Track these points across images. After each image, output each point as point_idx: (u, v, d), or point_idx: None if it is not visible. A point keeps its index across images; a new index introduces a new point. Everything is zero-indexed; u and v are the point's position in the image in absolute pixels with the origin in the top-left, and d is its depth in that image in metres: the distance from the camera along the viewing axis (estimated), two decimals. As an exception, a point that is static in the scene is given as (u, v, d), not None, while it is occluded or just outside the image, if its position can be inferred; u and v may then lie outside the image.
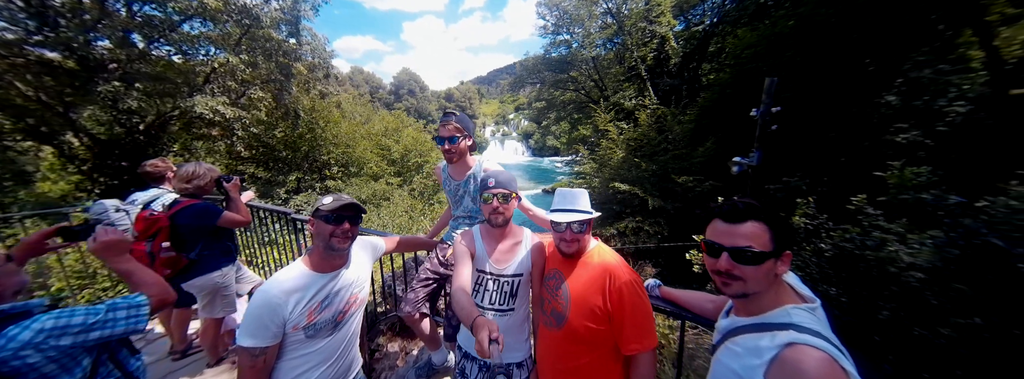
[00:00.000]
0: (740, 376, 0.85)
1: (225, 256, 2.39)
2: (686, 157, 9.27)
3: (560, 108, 24.03)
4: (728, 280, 0.89)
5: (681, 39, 17.98)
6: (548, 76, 22.99)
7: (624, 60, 19.41)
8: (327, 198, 1.29)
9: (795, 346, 0.76)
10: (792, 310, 0.86)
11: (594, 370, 1.29)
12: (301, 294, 1.24)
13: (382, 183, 15.37)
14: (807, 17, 8.32)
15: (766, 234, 0.86)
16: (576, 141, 25.10)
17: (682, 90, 15.54)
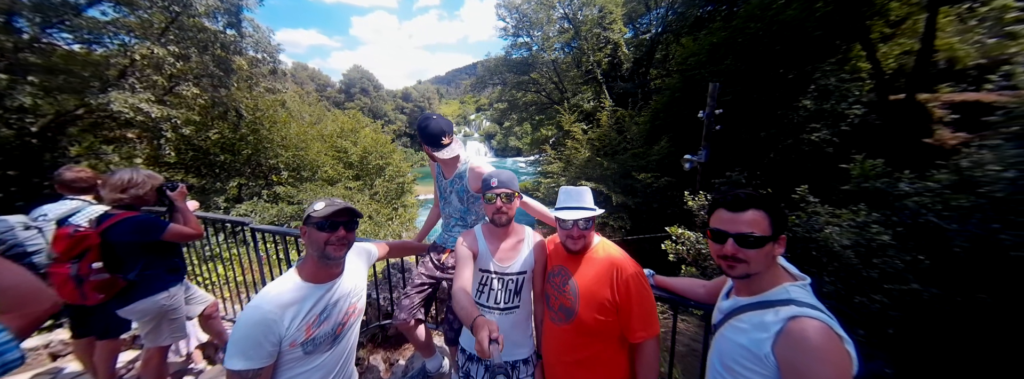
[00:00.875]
0: (749, 349, 0.93)
1: (172, 274, 2.13)
2: (644, 155, 10.01)
3: (522, 109, 24.46)
4: (734, 263, 0.98)
5: (631, 46, 19.31)
6: (510, 77, 23.29)
7: (581, 64, 20.34)
8: (319, 203, 1.21)
9: (798, 319, 0.86)
10: (790, 288, 0.96)
11: (602, 359, 1.35)
12: (297, 307, 1.16)
13: (340, 188, 14.45)
14: (739, 30, 9.44)
15: (765, 220, 0.95)
16: (539, 142, 25.69)
17: (637, 93, 16.70)
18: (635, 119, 11.04)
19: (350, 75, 64.52)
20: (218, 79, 9.23)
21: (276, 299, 1.13)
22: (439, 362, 2.17)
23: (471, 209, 1.94)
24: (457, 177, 1.90)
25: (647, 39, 19.28)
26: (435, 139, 1.76)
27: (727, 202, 1.00)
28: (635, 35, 20.63)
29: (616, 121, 11.16)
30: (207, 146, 12.15)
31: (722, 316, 1.11)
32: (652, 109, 10.88)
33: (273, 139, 14.05)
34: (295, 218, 12.10)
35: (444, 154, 1.78)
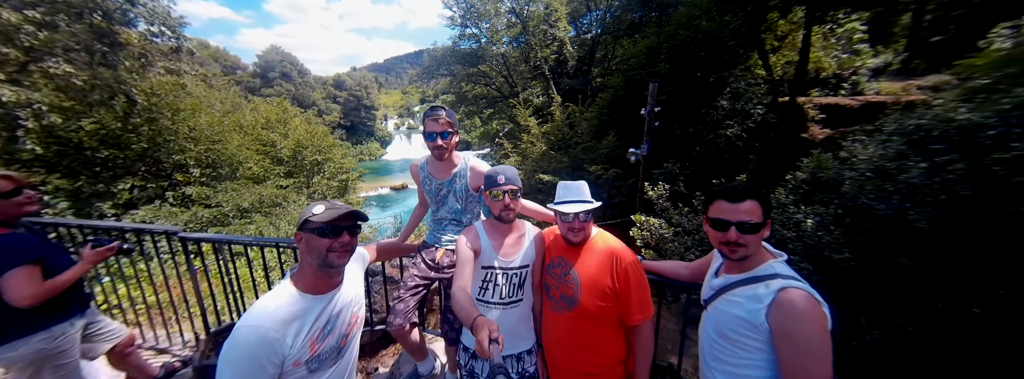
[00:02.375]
0: (745, 319, 1.07)
1: (57, 311, 1.70)
2: (594, 149, 10.80)
3: (472, 102, 24.15)
4: (735, 247, 1.10)
5: (575, 44, 20.31)
6: (458, 69, 22.73)
7: (529, 59, 20.77)
8: (317, 207, 1.11)
9: (786, 289, 1.01)
10: (774, 264, 1.12)
11: (603, 342, 1.43)
12: (300, 323, 1.06)
13: (270, 186, 12.78)
14: (670, 36, 10.63)
15: (759, 209, 1.08)
16: (491, 135, 25.70)
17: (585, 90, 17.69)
18: (584, 114, 11.82)
19: (267, 57, 56.16)
20: (100, 55, 7.40)
21: (275, 315, 1.02)
22: (431, 365, 2.13)
23: (467, 208, 1.91)
24: (456, 177, 1.86)
25: (589, 39, 20.43)
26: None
27: (727, 194, 1.11)
28: (577, 34, 21.68)
29: (567, 116, 11.82)
30: (81, 139, 9.59)
31: (713, 292, 1.24)
32: (599, 106, 11.76)
33: (178, 131, 11.82)
34: (215, 223, 10.49)
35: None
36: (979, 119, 1.34)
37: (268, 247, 2.51)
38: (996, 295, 1.16)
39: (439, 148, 1.77)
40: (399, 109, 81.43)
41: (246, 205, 11.32)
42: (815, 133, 12.88)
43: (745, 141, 10.00)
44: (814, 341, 0.96)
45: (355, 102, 61.22)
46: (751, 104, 10.04)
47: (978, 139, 1.37)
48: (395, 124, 75.84)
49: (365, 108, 62.51)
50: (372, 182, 33.37)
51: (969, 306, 1.22)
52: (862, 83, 14.57)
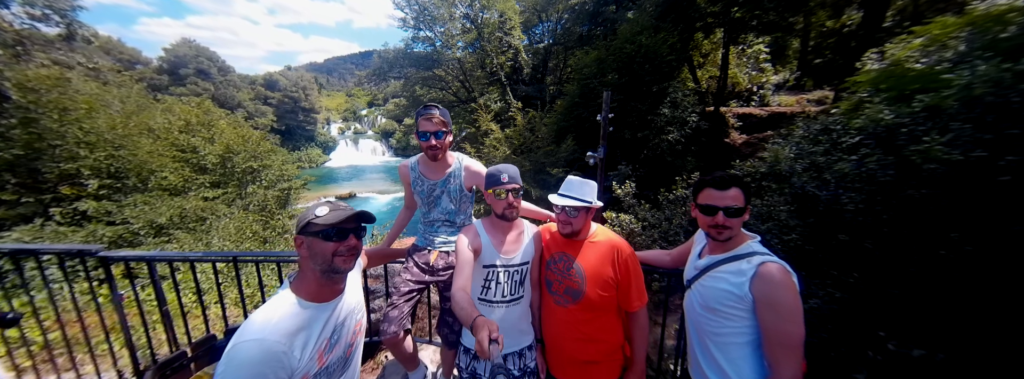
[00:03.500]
0: (731, 291, 1.22)
1: None
2: (554, 153, 11.32)
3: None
4: (722, 230, 1.26)
5: (529, 53, 21.09)
6: (412, 72, 22.11)
7: (486, 65, 21.01)
8: (321, 208, 1.05)
9: (765, 264, 1.18)
10: (752, 244, 1.29)
11: (605, 330, 1.51)
12: (306, 334, 1.00)
13: (194, 198, 11.13)
14: (618, 49, 11.65)
15: (742, 195, 1.25)
16: (448, 140, 25.29)
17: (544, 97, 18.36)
18: (544, 120, 12.38)
19: (178, 51, 48.71)
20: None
21: (279, 327, 0.95)
22: (423, 374, 2.07)
23: (461, 209, 1.91)
24: (450, 177, 1.85)
25: (541, 49, 21.35)
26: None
27: (715, 182, 1.27)
28: (530, 43, 22.51)
29: (528, 121, 12.26)
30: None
31: (698, 272, 1.38)
32: (557, 112, 12.41)
33: (66, 134, 9.81)
34: (121, 243, 8.87)
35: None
36: (897, 119, 1.82)
37: (222, 262, 2.26)
38: (915, 260, 1.61)
39: (433, 148, 1.75)
40: (343, 112, 75.98)
41: (162, 221, 9.72)
42: (735, 138, 15.01)
43: (683, 145, 11.33)
44: (791, 307, 1.14)
45: (291, 104, 55.77)
46: (686, 112, 11.41)
47: (897, 135, 1.82)
48: (339, 128, 70.49)
49: (304, 111, 57.25)
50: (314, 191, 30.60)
51: (898, 269, 1.65)
52: (767, 96, 17.34)
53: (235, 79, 53.37)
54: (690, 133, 11.40)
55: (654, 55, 10.81)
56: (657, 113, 10.81)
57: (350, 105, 77.79)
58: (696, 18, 13.60)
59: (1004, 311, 1.50)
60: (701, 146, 12.17)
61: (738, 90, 17.54)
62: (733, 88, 17.17)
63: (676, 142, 11.25)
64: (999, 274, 1.46)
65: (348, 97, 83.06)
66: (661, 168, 10.57)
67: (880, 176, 1.81)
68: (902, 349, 1.82)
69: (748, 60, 17.74)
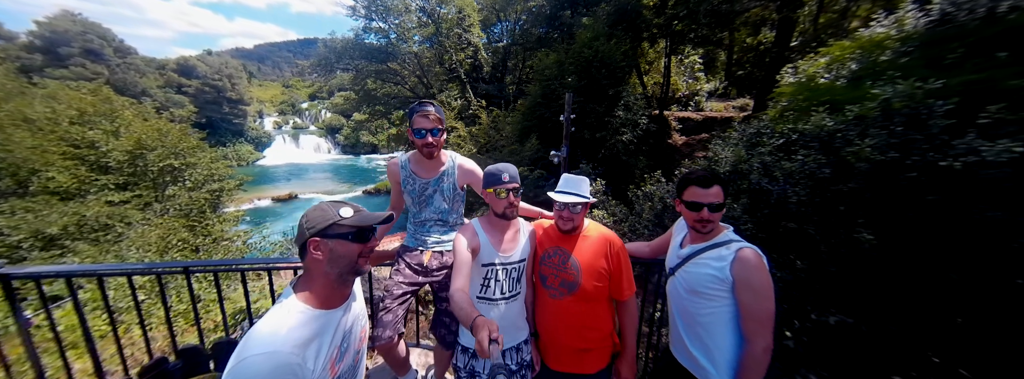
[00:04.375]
0: (714, 275, 1.37)
1: None
2: (519, 152, 11.52)
3: (380, 101, 22.33)
4: (706, 223, 1.42)
5: (489, 51, 21.08)
6: (364, 64, 20.73)
7: (444, 61, 20.52)
8: (344, 209, 1.01)
9: (742, 249, 1.35)
10: (728, 233, 1.45)
11: (598, 319, 1.59)
12: (318, 342, 0.96)
13: (95, 203, 9.30)
14: (577, 53, 12.21)
15: (722, 192, 1.40)
16: (404, 138, 24.16)
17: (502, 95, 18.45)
18: (507, 119, 12.50)
19: (56, 26, 39.66)
20: None
21: (290, 337, 0.89)
22: (413, 378, 2.05)
23: (454, 208, 1.90)
24: (444, 175, 1.83)
25: (501, 48, 21.46)
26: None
27: (699, 181, 1.42)
28: (489, 42, 22.49)
29: (493, 120, 12.28)
30: None
31: (681, 260, 1.52)
32: (520, 111, 12.64)
33: None
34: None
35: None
36: (835, 126, 2.25)
37: (169, 273, 2.02)
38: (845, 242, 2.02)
39: (429, 145, 1.73)
40: (280, 105, 68.45)
41: (53, 231, 8.00)
42: (677, 139, 16.64)
43: (635, 145, 12.29)
44: (765, 286, 1.31)
45: (214, 94, 48.76)
46: (637, 115, 12.39)
47: (835, 138, 2.22)
48: (275, 123, 63.24)
49: (230, 102, 50.36)
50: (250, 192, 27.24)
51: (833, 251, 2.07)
52: (702, 102, 19.48)
53: (138, 63, 45.12)
54: (641, 134, 12.40)
55: (610, 61, 11.56)
56: (613, 115, 11.58)
57: (288, 97, 70.23)
58: (643, 28, 14.84)
59: (904, 283, 1.96)
60: (650, 146, 13.34)
61: (678, 95, 19.47)
62: (673, 94, 19.01)
63: (629, 142, 12.16)
64: (901, 255, 1.91)
65: (285, 88, 74.78)
66: (617, 166, 11.37)
67: (818, 173, 2.24)
68: (821, 317, 2.26)
69: (686, 69, 19.80)
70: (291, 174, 44.70)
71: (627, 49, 12.48)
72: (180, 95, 45.50)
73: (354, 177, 43.11)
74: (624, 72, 12.68)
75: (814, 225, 2.17)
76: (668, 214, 3.69)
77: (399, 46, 20.17)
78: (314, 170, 47.25)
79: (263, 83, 77.77)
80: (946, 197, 1.68)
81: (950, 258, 1.71)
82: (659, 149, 14.64)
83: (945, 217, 1.71)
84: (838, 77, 5.34)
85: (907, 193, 1.83)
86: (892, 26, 5.20)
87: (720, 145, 5.85)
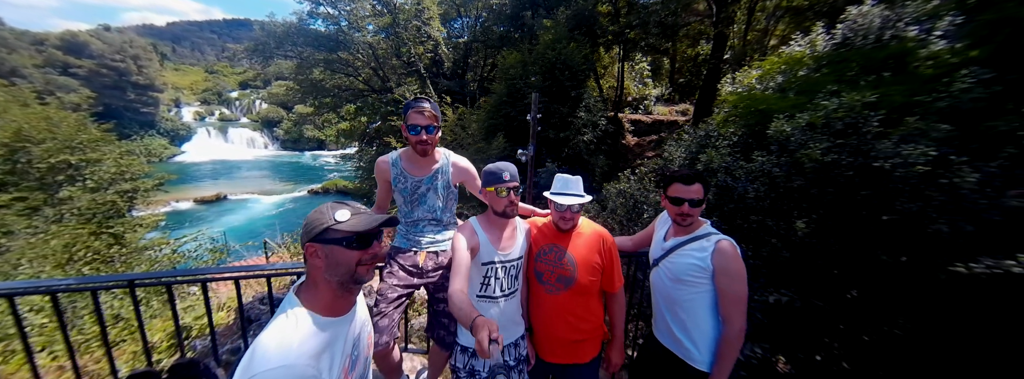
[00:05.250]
0: (697, 264, 1.51)
1: None
2: (486, 149, 11.47)
3: (330, 93, 20.64)
4: (686, 217, 1.56)
5: (450, 47, 20.57)
6: (310, 52, 18.96)
7: (402, 54, 19.59)
8: (340, 212, 0.93)
9: (721, 241, 1.50)
10: (707, 226, 1.60)
11: (591, 310, 1.67)
12: (330, 353, 0.92)
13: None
14: (541, 54, 12.48)
15: (702, 189, 1.54)
16: (359, 133, 22.58)
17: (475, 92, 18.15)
18: (473, 116, 12.36)
19: None
20: None
21: (302, 349, 0.84)
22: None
23: (447, 206, 1.89)
24: (437, 173, 1.81)
25: (462, 44, 21.06)
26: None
27: (682, 179, 1.56)
28: (449, 37, 21.95)
29: (459, 117, 12.03)
30: None
31: (665, 251, 1.66)
32: (486, 110, 12.60)
33: None
34: None
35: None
36: (790, 130, 2.64)
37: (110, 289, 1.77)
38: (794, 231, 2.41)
39: (424, 142, 1.70)
40: (202, 93, 59.78)
41: None
42: (630, 140, 17.89)
43: (595, 145, 12.98)
44: (740, 272, 1.48)
45: (114, 77, 41.08)
46: (597, 116, 13.07)
47: (790, 141, 2.58)
48: (196, 113, 55.08)
49: (136, 87, 42.79)
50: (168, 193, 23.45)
51: (786, 239, 2.44)
52: (650, 106, 21.15)
53: (7, 36, 36.25)
54: (601, 134, 13.11)
55: (571, 63, 12.04)
56: (575, 116, 12.09)
57: (213, 85, 61.39)
58: (599, 35, 15.69)
59: (840, 265, 2.38)
60: (608, 146, 14.18)
61: (629, 99, 20.92)
62: (626, 97, 20.38)
63: (590, 142, 12.79)
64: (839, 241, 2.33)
65: (210, 74, 65.15)
66: (580, 165, 11.91)
67: (774, 172, 2.63)
68: (762, 295, 2.66)
69: (636, 75, 21.33)
70: (218, 172, 39.42)
71: (587, 53, 13.08)
72: (66, 77, 37.48)
73: (298, 175, 39.32)
74: (584, 75, 13.28)
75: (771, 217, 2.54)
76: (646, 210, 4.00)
77: (351, 35, 18.79)
78: (248, 167, 42.12)
79: (180, 67, 66.96)
80: (876, 192, 2.10)
81: (878, 243, 2.13)
82: (615, 149, 15.64)
83: (875, 209, 2.13)
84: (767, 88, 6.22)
85: (845, 189, 2.24)
86: (807, 46, 6.17)
87: (673, 146, 6.49)
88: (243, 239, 9.40)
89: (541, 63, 12.15)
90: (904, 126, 2.11)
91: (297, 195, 32.55)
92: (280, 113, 52.34)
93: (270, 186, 35.09)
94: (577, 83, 12.59)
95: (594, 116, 12.69)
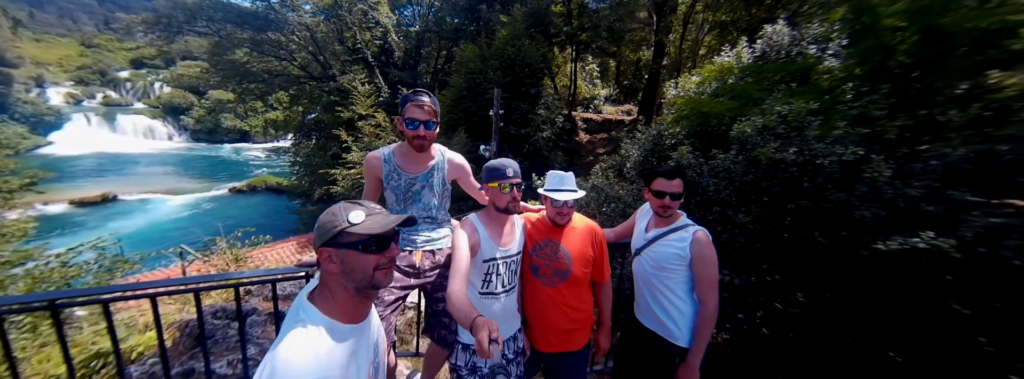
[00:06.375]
0: (677, 253, 1.66)
1: None
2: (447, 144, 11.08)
3: (262, 79, 18.18)
4: (667, 208, 1.70)
5: (401, 35, 19.40)
6: (232, 30, 16.44)
7: (346, 39, 18.00)
8: (356, 213, 0.87)
9: (697, 231, 1.66)
10: (685, 218, 1.76)
11: (582, 300, 1.74)
12: (357, 361, 0.88)
13: None
14: (500, 50, 12.45)
15: (682, 184, 1.70)
16: (294, 125, 20.24)
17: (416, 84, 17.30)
18: (431, 110, 11.86)
19: None
20: None
21: (332, 359, 0.80)
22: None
23: (442, 204, 1.87)
24: (433, 170, 1.78)
25: (414, 34, 20.01)
26: None
27: (665, 173, 1.70)
28: (398, 24, 20.72)
29: (417, 110, 11.40)
30: None
31: (647, 242, 1.79)
32: (446, 103, 12.19)
33: None
34: None
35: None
36: (747, 132, 3.02)
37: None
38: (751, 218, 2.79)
39: (421, 138, 1.65)
40: (77, 71, 48.31)
41: None
42: (582, 137, 18.83)
43: (554, 141, 13.40)
44: (713, 259, 1.65)
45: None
46: (555, 113, 13.49)
47: (750, 141, 2.98)
48: (68, 96, 44.39)
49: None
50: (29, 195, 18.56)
51: (745, 226, 2.82)
52: (600, 105, 22.44)
53: None
54: (559, 131, 13.57)
55: (530, 60, 12.21)
56: (535, 113, 12.33)
57: (92, 61, 49.72)
58: (554, 34, 16.16)
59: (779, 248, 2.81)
60: (565, 143, 14.75)
61: (582, 98, 21.97)
62: (578, 96, 21.36)
63: (549, 139, 13.17)
64: (784, 227, 2.75)
65: (87, 48, 52.54)
66: (540, 160, 12.20)
67: (733, 168, 3.00)
68: (722, 277, 3.06)
69: (587, 75, 22.43)
70: (104, 168, 32.46)
71: (545, 51, 13.37)
72: None
73: (216, 172, 33.97)
74: (542, 73, 13.57)
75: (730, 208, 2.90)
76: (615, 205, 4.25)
77: (284, 13, 16.71)
78: (147, 162, 35.21)
79: (43, 38, 52.82)
80: (814, 185, 2.51)
81: (816, 226, 2.55)
82: (571, 145, 16.33)
83: (813, 198, 2.55)
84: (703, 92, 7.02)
85: (790, 182, 2.65)
86: (734, 57, 7.07)
87: (629, 143, 7.05)
88: (142, 247, 7.77)
89: (501, 58, 12.11)
90: (838, 129, 2.57)
91: (216, 194, 28.16)
92: (189, 99, 44.35)
93: (178, 184, 29.78)
94: (536, 80, 12.83)
95: (552, 113, 13.07)
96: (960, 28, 3.86)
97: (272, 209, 24.31)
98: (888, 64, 4.96)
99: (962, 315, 2.17)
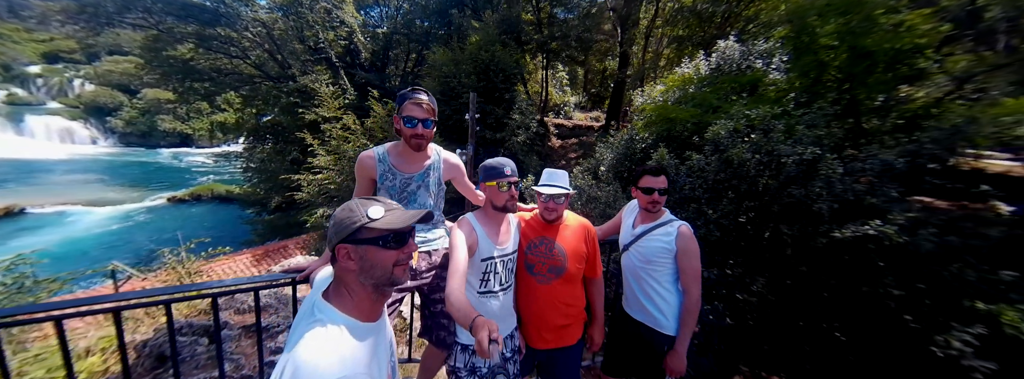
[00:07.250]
0: (663, 247, 1.77)
1: None
2: (420, 148, 10.81)
3: (210, 78, 16.63)
4: (655, 204, 1.82)
5: (368, 36, 18.72)
6: (174, 24, 14.92)
7: (306, 38, 17.03)
8: (375, 208, 0.85)
9: (681, 226, 1.79)
10: (669, 215, 1.89)
11: (576, 296, 1.79)
12: (378, 360, 0.88)
13: None
14: (474, 54, 12.44)
15: (667, 181, 1.83)
16: (245, 127, 18.63)
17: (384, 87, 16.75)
18: (402, 113, 11.51)
19: None
20: None
21: (356, 359, 0.78)
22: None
23: (437, 204, 1.87)
24: (429, 169, 1.77)
25: (382, 35, 19.42)
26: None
27: (651, 171, 1.83)
28: (364, 25, 20.02)
29: (390, 112, 11.03)
30: None
31: (634, 237, 1.90)
32: (417, 106, 11.88)
33: None
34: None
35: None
36: (722, 134, 3.25)
37: None
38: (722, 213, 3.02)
39: (419, 137, 1.64)
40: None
41: None
42: (554, 142, 19.28)
43: (529, 146, 13.55)
44: (696, 251, 1.78)
45: None
46: (529, 118, 13.68)
47: (723, 143, 3.20)
48: (-43, 91, 37.67)
49: None
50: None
51: (716, 220, 3.05)
52: (570, 111, 23.15)
53: None
54: (533, 136, 13.75)
55: (504, 66, 12.33)
56: (510, 117, 12.43)
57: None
58: (525, 41, 16.50)
59: (750, 239, 3.06)
60: (539, 147, 14.98)
61: (552, 105, 22.55)
62: (549, 102, 21.89)
63: (524, 143, 13.30)
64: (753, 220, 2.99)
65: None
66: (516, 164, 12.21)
67: (707, 168, 3.23)
68: None
69: (557, 82, 23.09)
70: (7, 176, 27.82)
71: (519, 57, 13.57)
72: None
73: (152, 179, 30.32)
74: (516, 78, 13.74)
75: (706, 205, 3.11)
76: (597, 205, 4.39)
77: (235, 7, 15.49)
78: (64, 170, 30.64)
79: None
80: (778, 182, 2.77)
81: (780, 219, 2.80)
82: (544, 150, 16.63)
83: (775, 195, 2.80)
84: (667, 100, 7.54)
85: (755, 179, 2.89)
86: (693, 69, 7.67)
87: (603, 147, 7.33)
88: (56, 268, 6.64)
89: (475, 63, 12.10)
90: (797, 132, 2.86)
91: (152, 204, 25.12)
92: (117, 98, 39.15)
93: (104, 194, 26.13)
94: (510, 86, 12.96)
95: (527, 118, 13.25)
96: (879, 47, 4.52)
97: (221, 220, 22.21)
98: (823, 78, 5.62)
99: (893, 296, 2.48)
